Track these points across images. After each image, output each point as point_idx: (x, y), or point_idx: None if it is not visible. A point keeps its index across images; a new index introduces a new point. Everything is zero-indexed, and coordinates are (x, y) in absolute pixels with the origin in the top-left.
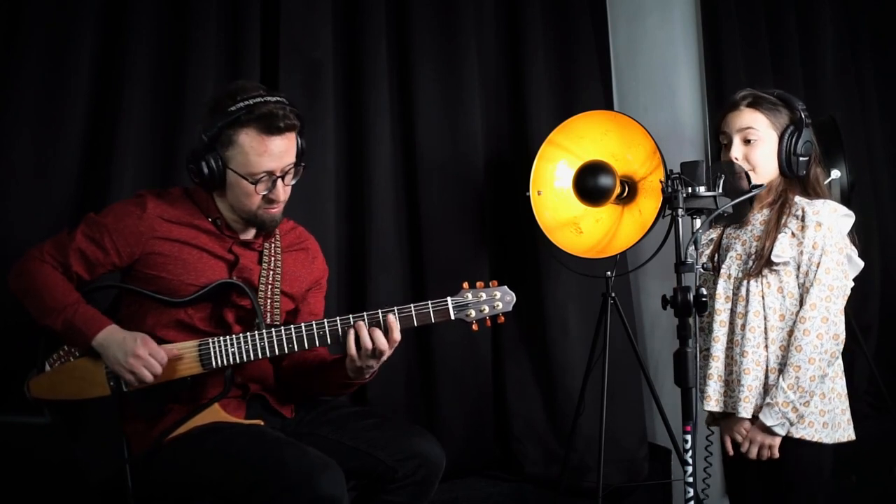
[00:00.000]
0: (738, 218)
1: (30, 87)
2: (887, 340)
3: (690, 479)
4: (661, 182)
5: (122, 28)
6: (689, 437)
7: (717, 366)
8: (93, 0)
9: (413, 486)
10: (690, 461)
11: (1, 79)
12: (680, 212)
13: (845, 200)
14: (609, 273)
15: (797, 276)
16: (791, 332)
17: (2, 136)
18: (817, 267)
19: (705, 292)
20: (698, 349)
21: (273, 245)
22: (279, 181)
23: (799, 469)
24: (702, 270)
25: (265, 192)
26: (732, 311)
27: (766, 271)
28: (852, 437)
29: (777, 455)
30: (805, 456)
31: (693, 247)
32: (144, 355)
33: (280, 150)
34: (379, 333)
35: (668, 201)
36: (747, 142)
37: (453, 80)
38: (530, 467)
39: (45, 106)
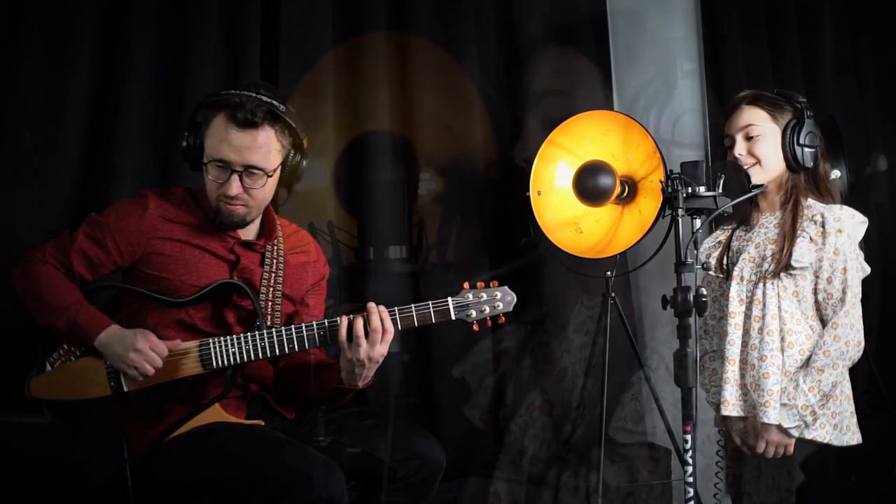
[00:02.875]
0: (738, 218)
1: (30, 87)
2: (887, 340)
3: (690, 479)
4: (661, 182)
5: (122, 28)
6: (689, 437)
7: (733, 370)
8: (93, 0)
9: (413, 487)
10: (690, 461)
11: (1, 79)
12: (680, 212)
13: (845, 201)
14: (609, 273)
15: (812, 281)
16: (809, 336)
17: (2, 136)
18: (844, 273)
19: (705, 292)
20: (698, 350)
21: (276, 247)
22: (235, 176)
23: (805, 470)
24: (702, 270)
25: (214, 180)
26: (747, 315)
27: (782, 275)
28: (859, 440)
29: (791, 452)
30: (812, 457)
31: (693, 247)
32: (145, 349)
33: (240, 144)
34: (375, 320)
35: (668, 201)
36: (749, 139)
37: (453, 79)
38: (530, 467)
39: (45, 106)
